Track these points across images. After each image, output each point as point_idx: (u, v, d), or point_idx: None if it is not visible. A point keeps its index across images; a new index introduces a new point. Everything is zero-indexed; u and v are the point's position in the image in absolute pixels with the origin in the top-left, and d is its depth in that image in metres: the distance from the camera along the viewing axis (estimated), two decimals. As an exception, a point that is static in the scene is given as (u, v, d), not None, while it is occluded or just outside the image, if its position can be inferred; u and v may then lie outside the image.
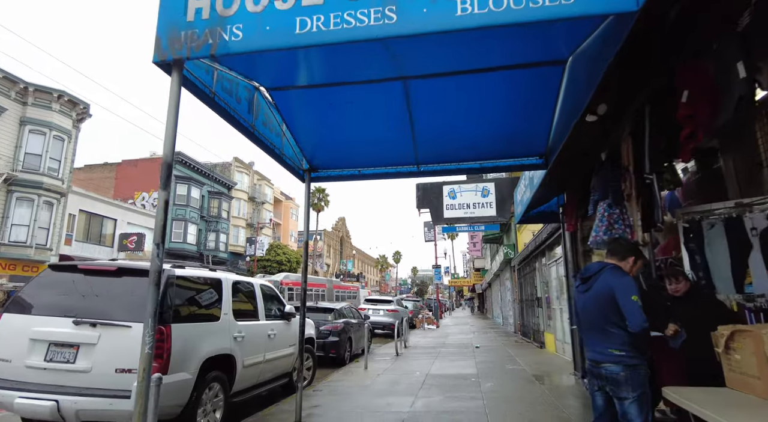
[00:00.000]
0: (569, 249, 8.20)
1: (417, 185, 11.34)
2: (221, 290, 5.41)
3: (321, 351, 10.04)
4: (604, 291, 2.86)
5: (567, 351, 10.01)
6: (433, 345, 14.09)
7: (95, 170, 37.73)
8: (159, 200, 2.99)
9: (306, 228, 5.61)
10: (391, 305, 18.44)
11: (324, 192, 56.72)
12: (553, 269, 11.16)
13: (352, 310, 12.24)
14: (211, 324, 5.05)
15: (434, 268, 33.00)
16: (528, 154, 5.50)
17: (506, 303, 22.31)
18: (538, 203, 7.93)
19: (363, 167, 5.76)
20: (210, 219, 39.59)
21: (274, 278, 26.82)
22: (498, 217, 10.52)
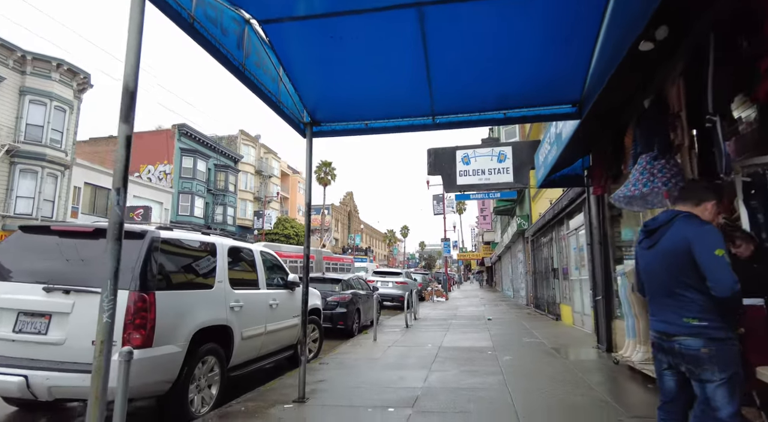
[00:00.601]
0: (594, 215, 7.56)
1: (428, 151, 10.66)
2: (215, 256, 4.90)
3: (328, 323, 9.65)
4: (677, 245, 2.25)
5: (587, 323, 9.51)
6: (443, 317, 13.70)
7: (100, 143, 37.26)
8: (120, 135, 2.42)
9: (308, 190, 5.03)
10: (400, 278, 18.04)
11: (330, 166, 56.00)
12: (573, 238, 10.55)
13: (360, 281, 11.80)
14: (203, 292, 4.56)
15: (443, 241, 32.51)
16: (559, 101, 4.81)
17: (518, 276, 21.84)
18: (562, 165, 7.27)
19: (371, 120, 5.12)
20: (217, 192, 39.29)
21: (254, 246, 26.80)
22: (515, 183, 9.87)
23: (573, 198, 9.29)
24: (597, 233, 7.46)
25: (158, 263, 4.02)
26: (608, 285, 7.15)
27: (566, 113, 4.86)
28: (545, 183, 7.94)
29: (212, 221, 38.62)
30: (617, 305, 7.02)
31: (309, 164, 5.10)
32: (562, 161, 6.64)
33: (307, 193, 5.03)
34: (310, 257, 5.06)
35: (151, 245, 4.00)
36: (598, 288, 7.43)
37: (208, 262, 4.80)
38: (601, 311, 7.30)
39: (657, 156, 4.26)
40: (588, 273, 9.04)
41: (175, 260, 4.35)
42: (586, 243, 8.86)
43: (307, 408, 4.38)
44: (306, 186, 5.07)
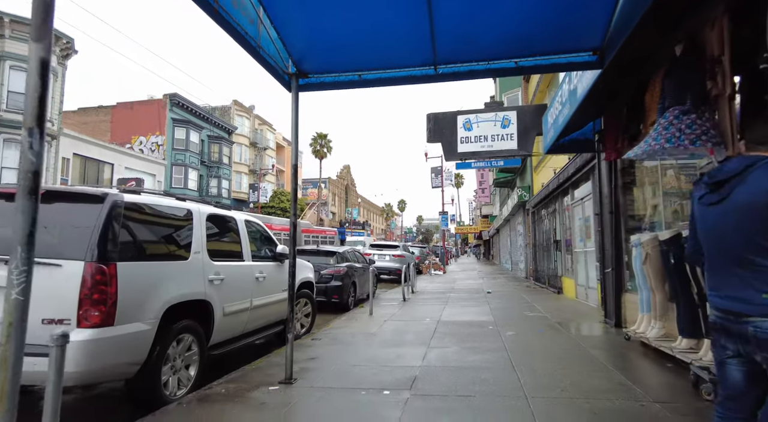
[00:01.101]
0: (605, 183, 7.05)
1: (428, 116, 10.04)
2: (192, 224, 4.40)
3: (323, 296, 9.27)
4: (756, 199, 1.73)
5: (591, 296, 9.15)
6: (441, 291, 13.37)
7: (89, 113, 36.21)
8: (31, 59, 1.86)
9: (294, 150, 4.48)
10: (398, 251, 17.68)
11: (326, 138, 55.00)
12: (578, 208, 10.08)
13: (356, 254, 11.38)
14: (177, 264, 4.08)
15: (441, 214, 32.06)
16: (578, 48, 4.23)
17: (517, 248, 21.52)
18: (573, 128, 6.71)
19: (365, 70, 4.53)
20: (211, 165, 38.55)
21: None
22: (520, 150, 9.31)
23: (580, 166, 8.77)
24: (608, 202, 6.97)
25: (122, 231, 3.51)
26: (619, 257, 6.72)
27: (585, 61, 4.28)
28: (553, 148, 7.40)
29: (206, 193, 38.00)
30: (628, 278, 6.61)
31: (295, 122, 4.53)
32: (573, 123, 6.07)
33: (294, 154, 4.48)
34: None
35: (113, 210, 3.48)
36: (608, 260, 7.00)
37: (183, 231, 4.30)
38: (610, 284, 6.89)
39: (688, 110, 3.72)
40: (595, 245, 8.62)
41: (144, 227, 3.85)
42: (594, 213, 8.39)
43: (294, 391, 3.98)
44: (292, 147, 4.52)
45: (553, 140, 6.79)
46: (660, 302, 5.01)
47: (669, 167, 5.38)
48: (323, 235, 33.57)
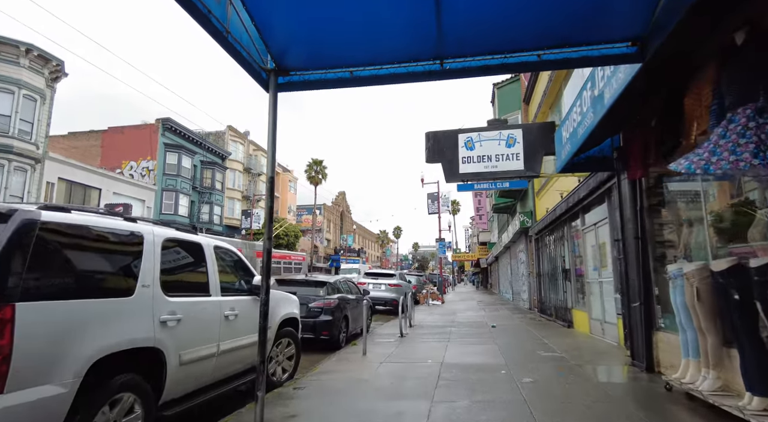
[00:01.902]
0: (628, 205, 6.28)
1: (427, 134, 9.35)
2: (141, 251, 3.54)
3: (311, 333, 8.30)
4: None
5: (609, 332, 8.23)
6: (442, 324, 12.38)
7: (80, 137, 35.59)
8: None
9: (270, 162, 3.68)
10: (394, 280, 16.71)
11: (321, 164, 54.55)
12: (590, 234, 9.29)
13: (349, 284, 10.45)
14: (115, 302, 3.20)
15: (438, 241, 31.21)
16: (614, 38, 3.51)
17: (518, 277, 20.59)
18: (591, 143, 5.99)
19: (357, 66, 3.79)
20: (203, 190, 37.78)
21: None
22: (527, 171, 8.57)
23: (594, 187, 8.02)
24: (632, 227, 6.17)
25: (33, 260, 2.65)
26: (648, 289, 5.87)
27: (623, 53, 3.56)
28: (568, 166, 6.66)
29: (198, 220, 37.07)
30: (659, 314, 5.75)
31: (272, 125, 3.74)
32: (594, 136, 5.35)
33: (270, 164, 3.69)
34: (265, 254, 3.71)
35: (21, 232, 2.63)
36: (633, 293, 6.14)
37: (128, 259, 3.44)
38: (637, 320, 6.01)
39: (765, 108, 2.97)
40: (613, 274, 7.78)
41: (69, 255, 2.99)
42: (612, 239, 7.59)
43: (262, 470, 3.04)
44: (268, 156, 3.72)
45: (569, 156, 6.05)
46: (713, 347, 4.14)
47: (712, 183, 4.60)
48: (286, 261, 28.50)
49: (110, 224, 3.40)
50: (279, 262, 26.44)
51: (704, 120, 3.89)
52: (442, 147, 9.24)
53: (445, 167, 9.17)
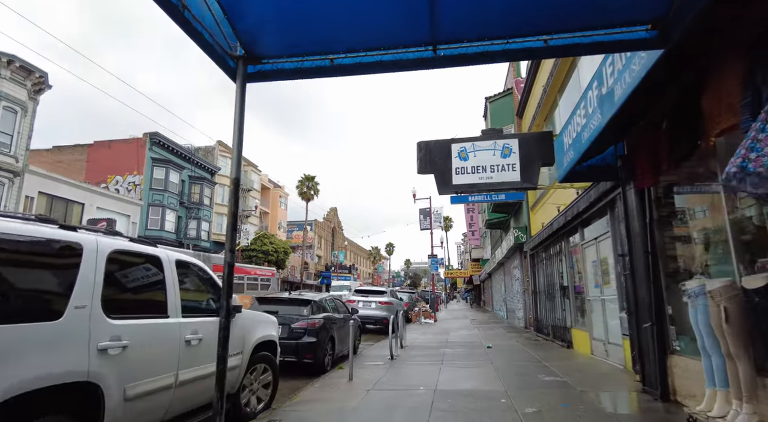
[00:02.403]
0: (635, 216, 5.81)
1: (418, 144, 8.87)
2: (78, 265, 2.97)
3: (293, 356, 7.67)
4: None
5: (613, 354, 7.69)
6: (434, 344, 11.75)
7: (64, 151, 34.84)
8: None
9: (235, 162, 3.16)
10: (385, 297, 16.07)
11: (313, 180, 54.16)
12: (591, 249, 8.82)
13: (335, 302, 9.83)
14: (35, 328, 2.61)
15: (430, 257, 30.64)
16: (630, 20, 3.07)
17: (513, 295, 20.04)
18: (594, 149, 5.55)
19: (339, 53, 3.31)
20: (191, 206, 37.02)
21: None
22: (523, 182, 8.11)
23: (596, 199, 7.57)
24: (640, 240, 5.69)
25: None
26: (660, 308, 5.36)
27: (641, 39, 3.11)
28: (569, 175, 6.22)
29: (185, 236, 36.25)
30: (674, 336, 5.23)
31: (239, 121, 3.23)
32: (601, 141, 4.90)
33: (235, 163, 3.17)
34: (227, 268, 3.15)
35: None
36: (643, 312, 5.63)
37: (57, 274, 2.87)
38: (648, 342, 5.48)
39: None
40: (617, 292, 7.29)
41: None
42: (616, 254, 7.12)
43: None
44: (234, 155, 3.20)
45: (572, 163, 5.60)
46: (746, 376, 3.62)
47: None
48: (251, 276, 25.20)
49: (34, 232, 2.83)
50: (242, 278, 24.07)
51: (725, 118, 3.46)
52: (434, 157, 8.77)
53: (437, 179, 8.69)
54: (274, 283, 27.57)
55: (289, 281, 56.86)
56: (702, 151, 4.01)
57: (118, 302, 3.26)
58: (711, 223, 4.44)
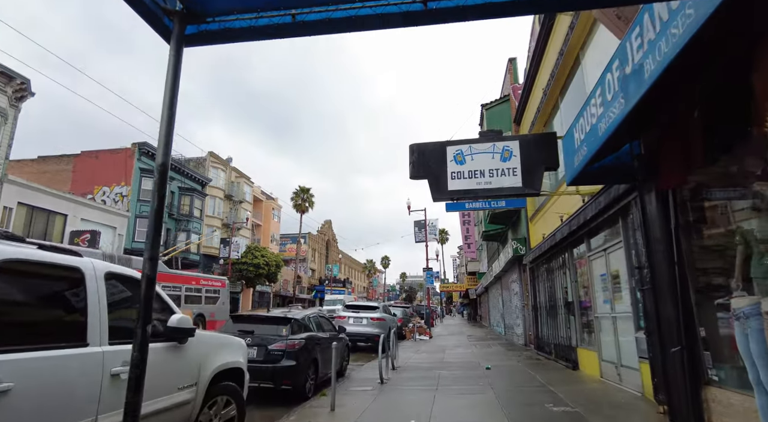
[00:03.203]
0: (656, 223, 5.09)
1: (411, 147, 8.19)
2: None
3: (269, 381, 6.82)
4: None
5: (628, 379, 6.89)
6: (429, 365, 10.89)
7: (50, 162, 33.96)
8: None
9: (163, 141, 2.41)
10: (377, 313, 15.20)
11: (308, 192, 53.46)
12: (599, 261, 8.07)
13: (320, 320, 8.99)
14: None
15: (425, 271, 29.77)
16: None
17: (511, 310, 19.20)
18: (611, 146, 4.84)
19: (302, 7, 2.58)
20: (180, 218, 36.11)
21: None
22: (525, 188, 7.41)
23: (606, 205, 6.85)
24: (664, 250, 4.95)
25: None
26: (691, 330, 4.60)
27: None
28: (580, 176, 5.51)
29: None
30: (710, 363, 4.45)
31: (171, 91, 2.48)
32: (623, 131, 4.18)
33: (162, 146, 2.40)
34: (147, 265, 2.36)
35: None
36: (669, 333, 4.86)
37: None
38: (677, 370, 4.70)
39: None
40: (632, 309, 6.52)
41: None
42: (631, 266, 6.37)
43: None
44: (161, 133, 2.43)
45: (585, 161, 4.88)
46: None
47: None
48: (192, 286, 20.68)
49: None
50: (178, 288, 19.30)
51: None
52: (427, 161, 8.06)
53: (431, 184, 7.96)
54: (225, 296, 23.72)
55: (281, 296, 55.62)
56: (749, 140, 3.30)
57: (7, 325, 2.46)
58: (760, 227, 3.70)
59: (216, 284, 23.63)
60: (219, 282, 24.07)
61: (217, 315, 22.31)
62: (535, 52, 11.40)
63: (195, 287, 21.17)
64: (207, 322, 21.04)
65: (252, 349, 7.02)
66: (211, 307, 22.27)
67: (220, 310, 22.85)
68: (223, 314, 22.81)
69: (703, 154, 3.94)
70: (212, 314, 21.98)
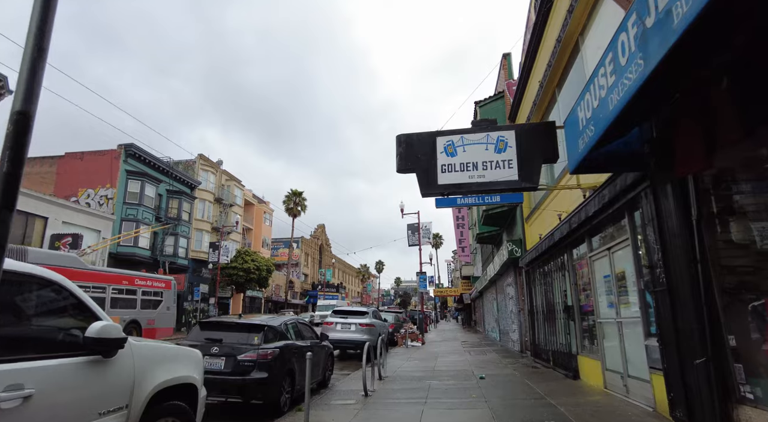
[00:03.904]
0: (673, 214, 4.45)
1: (398, 138, 7.56)
2: None
3: (238, 396, 6.10)
4: None
5: (636, 390, 6.24)
6: (419, 374, 10.17)
7: (33, 163, 32.97)
8: None
9: (25, 78, 1.73)
10: (366, 319, 14.46)
11: (301, 195, 52.71)
12: (602, 262, 7.43)
13: (299, 327, 8.25)
14: None
15: (419, 275, 29.02)
16: None
17: (507, 315, 18.53)
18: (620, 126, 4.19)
19: None
20: (168, 221, 35.13)
21: None
22: (521, 182, 6.80)
23: (611, 199, 6.21)
24: (681, 246, 4.31)
25: None
26: (717, 339, 3.94)
27: None
28: (584, 164, 4.86)
29: (161, 253, 34.34)
30: (743, 378, 3.79)
31: (43, 10, 1.80)
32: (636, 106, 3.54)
33: (23, 88, 1.72)
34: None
35: None
36: (691, 343, 4.21)
37: None
38: (702, 385, 4.05)
39: None
40: (641, 313, 5.87)
41: None
42: (640, 265, 5.73)
43: None
44: (21, 70, 1.75)
45: (592, 143, 4.23)
46: None
47: None
48: (122, 287, 17.39)
49: None
50: (101, 288, 16.10)
51: None
52: (416, 153, 7.42)
53: (420, 178, 7.31)
54: (170, 298, 20.48)
55: (273, 301, 54.60)
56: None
57: None
58: None
59: (158, 284, 20.15)
60: (162, 283, 20.63)
61: (159, 322, 19.77)
62: (531, 43, 10.81)
63: (127, 289, 17.92)
64: (143, 330, 18.37)
65: (219, 359, 6.32)
66: (149, 312, 19.12)
67: (163, 316, 20.13)
68: (166, 320, 20.44)
69: (730, 133, 3.31)
70: (150, 321, 19.24)
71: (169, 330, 21.12)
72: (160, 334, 19.49)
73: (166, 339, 18.10)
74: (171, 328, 21.50)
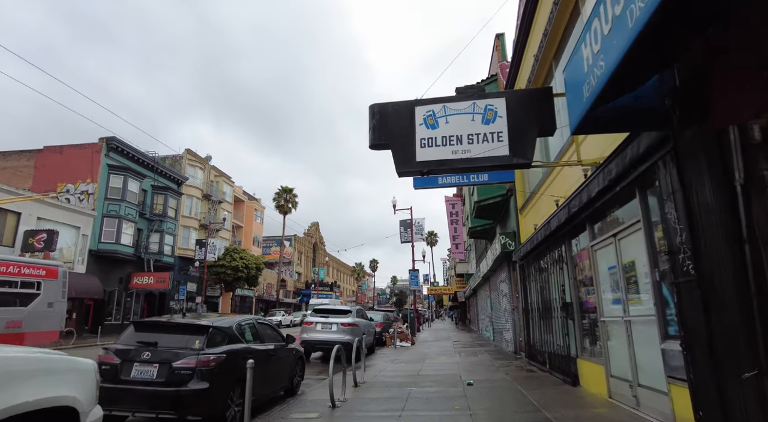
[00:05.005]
0: (707, 182, 3.43)
1: (371, 108, 6.52)
2: None
3: (171, 411, 5.05)
4: None
5: (647, 402, 5.23)
6: (402, 379, 9.14)
7: (10, 157, 31.75)
8: None
9: None
10: (349, 318, 13.40)
11: (291, 192, 51.53)
12: (606, 251, 6.42)
13: (259, 328, 7.17)
14: None
15: (411, 272, 27.98)
16: None
17: (500, 313, 17.54)
18: (630, 71, 3.18)
19: None
20: (153, 218, 34.00)
21: None
22: (513, 158, 5.78)
23: (618, 174, 5.17)
24: (717, 222, 3.29)
25: None
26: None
27: None
28: (587, 121, 3.83)
29: (146, 250, 33.16)
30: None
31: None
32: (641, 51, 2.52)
33: None
34: None
35: None
36: (732, 349, 3.19)
37: None
38: (751, 404, 3.03)
39: None
40: (656, 309, 4.85)
41: None
42: (660, 253, 4.71)
43: None
44: None
45: (603, 81, 3.19)
46: None
47: None
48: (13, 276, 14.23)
49: None
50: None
51: None
52: (391, 125, 6.35)
53: (396, 154, 6.25)
54: (54, 291, 15.77)
55: (264, 300, 53.44)
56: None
57: None
58: None
59: (32, 272, 15.09)
60: (41, 269, 15.56)
61: (32, 324, 14.74)
62: (526, 12, 9.79)
63: (25, 279, 14.43)
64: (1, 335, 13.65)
65: (151, 367, 5.27)
66: (14, 311, 14.21)
67: (38, 316, 14.92)
68: (47, 322, 15.33)
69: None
70: (17, 322, 14.31)
71: (52, 334, 15.96)
72: (36, 340, 14.72)
73: (50, 345, 14.07)
74: (56, 332, 16.25)
